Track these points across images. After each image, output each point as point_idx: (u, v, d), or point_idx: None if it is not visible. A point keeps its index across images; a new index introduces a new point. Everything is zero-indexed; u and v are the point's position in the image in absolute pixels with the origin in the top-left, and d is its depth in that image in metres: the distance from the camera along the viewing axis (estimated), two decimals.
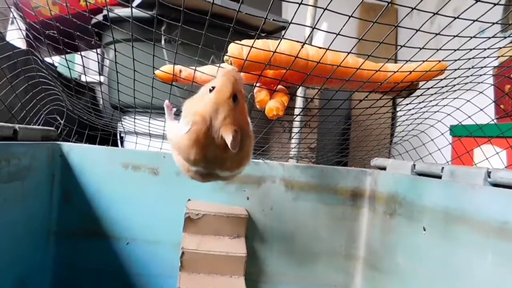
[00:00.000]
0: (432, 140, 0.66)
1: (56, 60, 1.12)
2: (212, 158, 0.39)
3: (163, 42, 0.87)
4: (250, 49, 0.42)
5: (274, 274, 0.68)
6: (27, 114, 0.63)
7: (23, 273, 0.54)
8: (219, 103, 0.38)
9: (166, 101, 0.48)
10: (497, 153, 0.61)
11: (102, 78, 1.04)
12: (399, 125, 0.69)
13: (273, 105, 0.43)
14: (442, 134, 0.64)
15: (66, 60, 0.60)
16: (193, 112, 0.38)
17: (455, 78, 0.49)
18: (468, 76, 0.50)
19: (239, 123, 0.39)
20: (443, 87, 0.51)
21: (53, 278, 0.62)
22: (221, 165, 0.41)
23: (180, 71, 0.46)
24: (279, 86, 0.50)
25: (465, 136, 0.66)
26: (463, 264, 0.45)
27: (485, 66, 0.48)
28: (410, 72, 0.44)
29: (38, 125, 0.68)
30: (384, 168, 0.68)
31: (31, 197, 0.56)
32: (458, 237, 0.47)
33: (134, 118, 0.77)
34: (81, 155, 0.63)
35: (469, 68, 0.47)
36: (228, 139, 0.37)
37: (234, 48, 0.43)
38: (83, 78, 1.25)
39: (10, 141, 0.50)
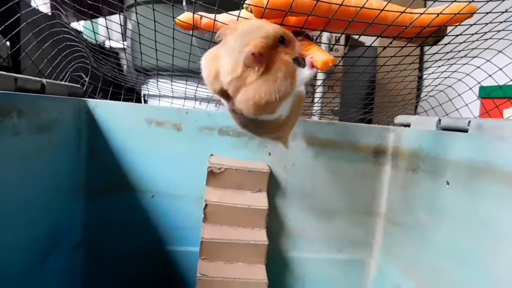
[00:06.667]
0: (459, 95, 0.64)
1: (80, 24, 1.13)
2: (227, 78, 0.38)
3: (184, 3, 0.86)
4: None
5: (295, 229, 0.69)
6: (53, 71, 0.65)
7: (55, 224, 0.57)
8: (266, 24, 0.37)
9: None
10: None
11: (125, 43, 1.05)
12: (425, 79, 0.67)
13: (327, 57, 0.41)
14: (470, 88, 0.62)
15: (92, 24, 0.61)
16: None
17: (486, 24, 0.47)
18: (501, 22, 0.47)
19: (273, 57, 0.37)
20: (473, 34, 0.49)
21: (83, 228, 0.65)
22: (236, 95, 0.38)
23: (201, 17, 0.46)
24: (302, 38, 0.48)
25: (494, 96, 0.64)
26: (487, 216, 0.45)
27: None
28: (438, 14, 0.42)
29: (64, 82, 0.70)
30: (408, 125, 0.67)
31: (59, 151, 0.58)
32: (483, 189, 0.46)
33: (157, 80, 0.78)
34: (107, 111, 0.64)
35: (503, 12, 0.45)
36: (248, 51, 0.35)
37: None
38: (107, 44, 1.26)
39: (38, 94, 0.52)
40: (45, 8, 0.84)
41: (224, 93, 0.40)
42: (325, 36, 0.90)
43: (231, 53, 0.37)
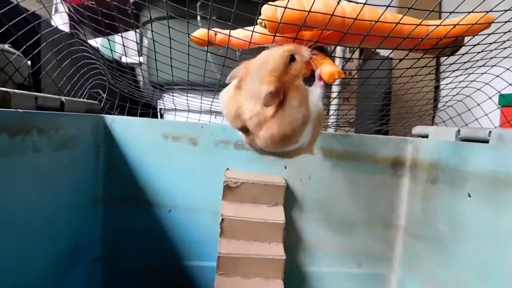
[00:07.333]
0: (478, 105, 0.62)
1: (98, 41, 1.15)
2: (247, 115, 0.39)
3: (198, 18, 0.88)
4: (285, 9, 0.41)
5: (313, 242, 0.68)
6: (72, 88, 0.66)
7: (75, 239, 0.58)
8: (272, 54, 0.37)
9: None
10: None
11: (141, 59, 1.07)
12: (442, 89, 0.66)
13: (333, 69, 0.41)
14: (490, 98, 0.61)
15: (109, 40, 0.62)
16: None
17: (504, 32, 0.46)
18: None
19: (287, 85, 0.38)
20: (491, 43, 0.48)
21: (102, 243, 0.65)
22: (257, 131, 0.39)
23: (215, 33, 0.46)
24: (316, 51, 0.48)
25: None
26: (511, 228, 0.44)
27: None
28: (454, 25, 0.42)
29: (83, 99, 0.71)
30: (426, 136, 0.66)
31: (79, 167, 0.59)
32: (506, 201, 0.45)
33: (173, 95, 0.79)
34: (124, 126, 0.65)
35: None
36: (264, 92, 0.36)
37: (268, 10, 0.42)
38: (123, 60, 1.29)
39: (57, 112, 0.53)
40: (65, 27, 0.86)
41: (244, 129, 0.41)
42: (339, 48, 0.90)
43: (250, 96, 0.38)
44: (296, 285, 0.68)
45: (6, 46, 0.56)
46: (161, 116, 1.12)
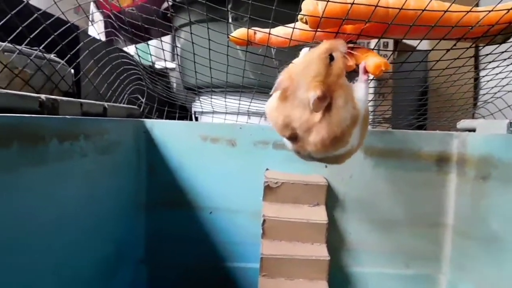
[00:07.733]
0: None
1: (132, 48, 1.18)
2: (296, 124, 0.38)
3: (230, 19, 0.88)
4: (327, 3, 0.40)
5: (357, 243, 0.66)
6: (113, 94, 0.68)
7: (121, 241, 0.59)
8: (311, 58, 0.37)
9: None
10: None
11: (175, 63, 1.08)
12: (490, 80, 0.63)
13: (380, 61, 0.40)
14: None
15: (148, 45, 0.63)
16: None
17: None
18: None
19: (332, 86, 0.37)
20: None
21: (145, 245, 0.66)
22: (307, 136, 0.38)
23: (255, 33, 0.46)
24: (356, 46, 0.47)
25: None
26: None
27: None
28: (508, 10, 0.39)
29: (123, 104, 0.73)
30: (473, 130, 0.63)
31: (121, 170, 0.60)
32: None
33: (211, 97, 0.79)
34: (163, 130, 0.66)
35: None
36: (311, 98, 0.35)
37: (309, 4, 0.41)
38: (156, 65, 1.31)
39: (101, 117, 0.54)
40: (101, 37, 0.89)
41: (291, 137, 0.40)
42: (373, 42, 0.88)
43: (298, 104, 0.38)
44: (341, 286, 0.66)
45: (52, 56, 0.58)
46: (196, 119, 1.13)
